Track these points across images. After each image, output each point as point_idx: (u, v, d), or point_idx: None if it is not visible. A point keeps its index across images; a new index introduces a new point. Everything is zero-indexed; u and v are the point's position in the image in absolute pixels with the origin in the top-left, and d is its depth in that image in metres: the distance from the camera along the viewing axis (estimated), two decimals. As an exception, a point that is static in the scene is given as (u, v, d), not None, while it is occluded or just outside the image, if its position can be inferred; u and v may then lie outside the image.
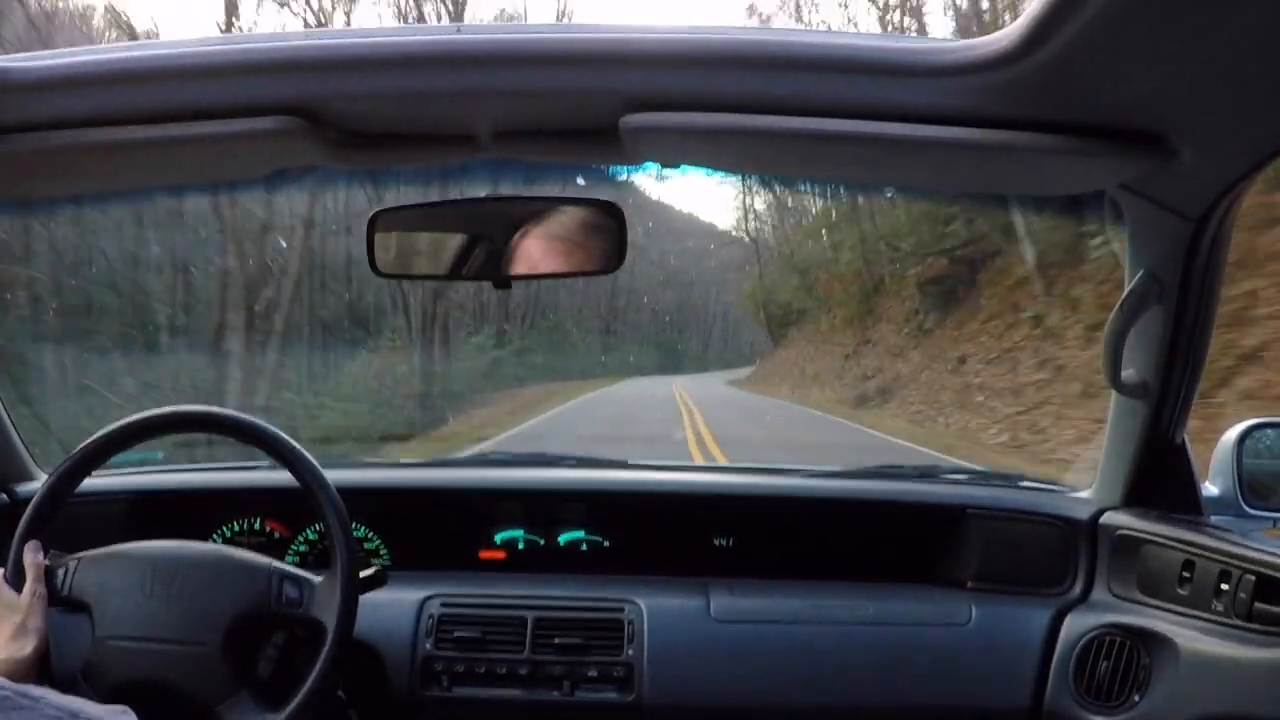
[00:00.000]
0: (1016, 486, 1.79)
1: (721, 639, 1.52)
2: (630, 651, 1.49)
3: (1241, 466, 1.47)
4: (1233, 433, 1.50)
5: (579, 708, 1.47)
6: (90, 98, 1.00)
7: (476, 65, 0.97)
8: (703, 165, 1.16)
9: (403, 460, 2.03)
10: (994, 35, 0.90)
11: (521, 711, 1.48)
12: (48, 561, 1.29)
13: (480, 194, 1.29)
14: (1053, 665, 1.46)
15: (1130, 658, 1.37)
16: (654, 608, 1.54)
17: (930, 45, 0.95)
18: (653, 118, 1.00)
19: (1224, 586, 1.22)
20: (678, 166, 1.16)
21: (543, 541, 1.77)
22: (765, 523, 1.76)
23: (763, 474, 1.92)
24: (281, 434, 1.37)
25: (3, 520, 1.53)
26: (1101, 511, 1.53)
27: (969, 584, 1.62)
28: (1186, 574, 1.29)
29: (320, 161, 1.11)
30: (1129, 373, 1.40)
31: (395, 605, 1.53)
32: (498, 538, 1.77)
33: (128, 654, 1.25)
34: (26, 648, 1.20)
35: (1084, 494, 1.63)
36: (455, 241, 1.28)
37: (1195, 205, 1.20)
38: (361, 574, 1.31)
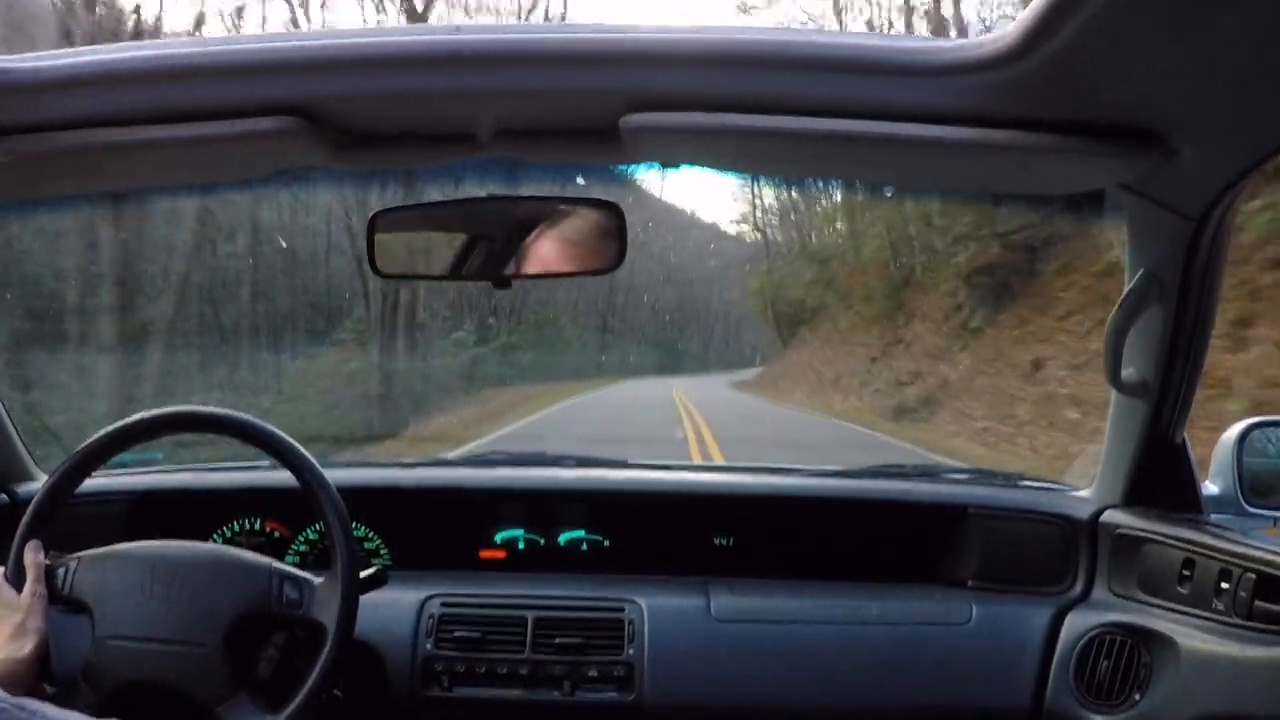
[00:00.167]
0: (1017, 485, 1.79)
1: (722, 639, 1.52)
2: (631, 651, 1.49)
3: (1241, 465, 1.47)
4: (1233, 431, 1.50)
5: (579, 708, 1.47)
6: (90, 98, 1.00)
7: (476, 65, 0.98)
8: (703, 165, 1.16)
9: (403, 460, 2.03)
10: (994, 34, 0.90)
11: (522, 711, 1.48)
12: (48, 561, 1.29)
13: (480, 194, 1.29)
14: (1053, 664, 1.46)
15: (1131, 656, 1.37)
16: (654, 607, 1.54)
17: (930, 45, 0.95)
18: (653, 117, 1.00)
19: (1224, 585, 1.22)
20: (678, 166, 1.16)
21: (543, 541, 1.77)
22: (766, 522, 1.76)
23: (763, 473, 1.92)
24: (282, 433, 1.37)
25: (3, 521, 1.53)
26: (1102, 510, 1.53)
27: (969, 583, 1.62)
28: (1187, 573, 1.29)
29: (321, 162, 1.11)
30: (1129, 372, 1.40)
31: (395, 605, 1.53)
32: (498, 537, 1.77)
33: (127, 654, 1.25)
34: (26, 647, 1.20)
35: (1084, 493, 1.63)
36: (455, 242, 1.28)
37: (1195, 204, 1.20)
38: (362, 574, 1.31)
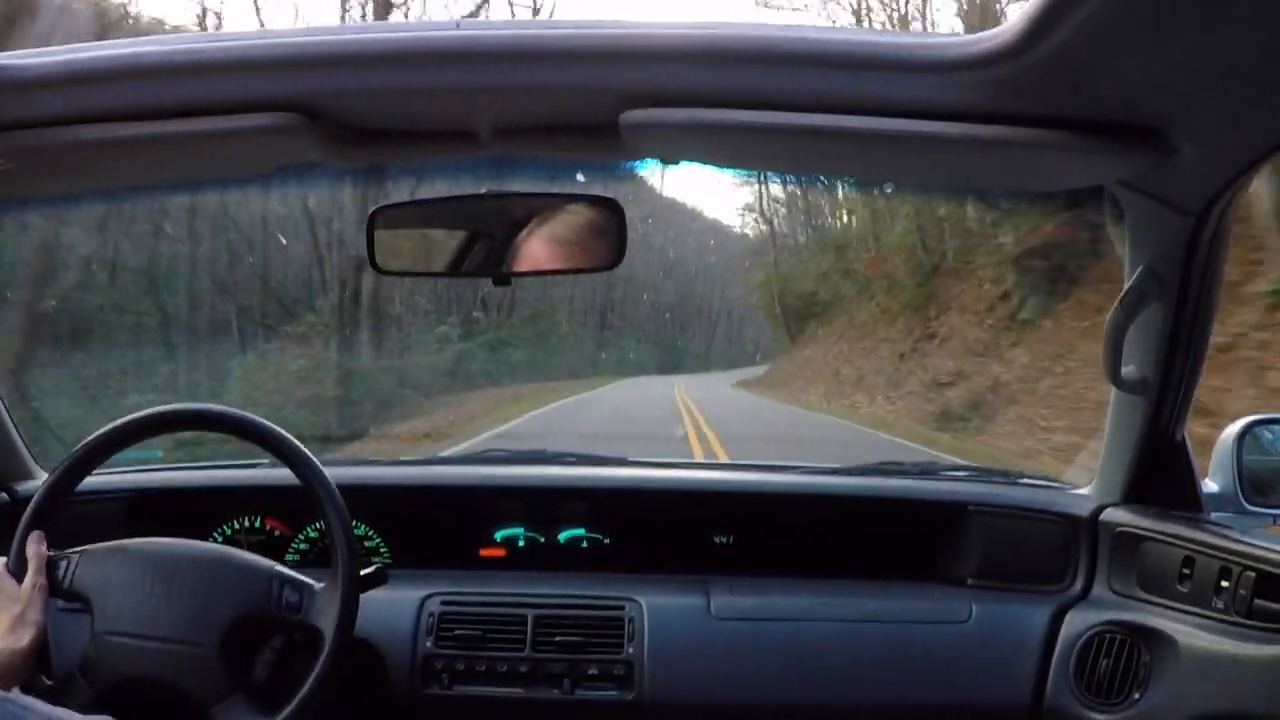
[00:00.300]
0: (1016, 483, 1.78)
1: (722, 636, 1.52)
2: (630, 649, 1.49)
3: (1241, 463, 1.47)
4: (1233, 429, 1.50)
5: (579, 706, 1.47)
6: (90, 94, 1.00)
7: (476, 61, 0.97)
8: (703, 160, 1.16)
9: (403, 458, 2.03)
10: (993, 31, 0.90)
11: (522, 709, 1.48)
12: (50, 553, 1.29)
13: (480, 191, 1.29)
14: (1053, 662, 1.46)
15: (1130, 655, 1.37)
16: (654, 605, 1.54)
17: (930, 40, 0.95)
18: (653, 113, 1.00)
19: (1224, 583, 1.22)
20: (678, 162, 1.16)
21: (543, 539, 1.77)
22: (766, 520, 1.76)
23: (763, 471, 1.92)
24: (282, 431, 1.37)
25: (3, 519, 1.53)
26: (1102, 508, 1.53)
27: (969, 581, 1.62)
28: (1186, 571, 1.29)
29: (320, 158, 1.11)
30: (1129, 369, 1.39)
31: (395, 603, 1.53)
32: (498, 535, 1.77)
33: (125, 650, 1.25)
34: (24, 639, 1.20)
35: (1084, 490, 1.63)
36: (455, 238, 1.28)
37: (1195, 200, 1.20)
38: (362, 572, 1.31)
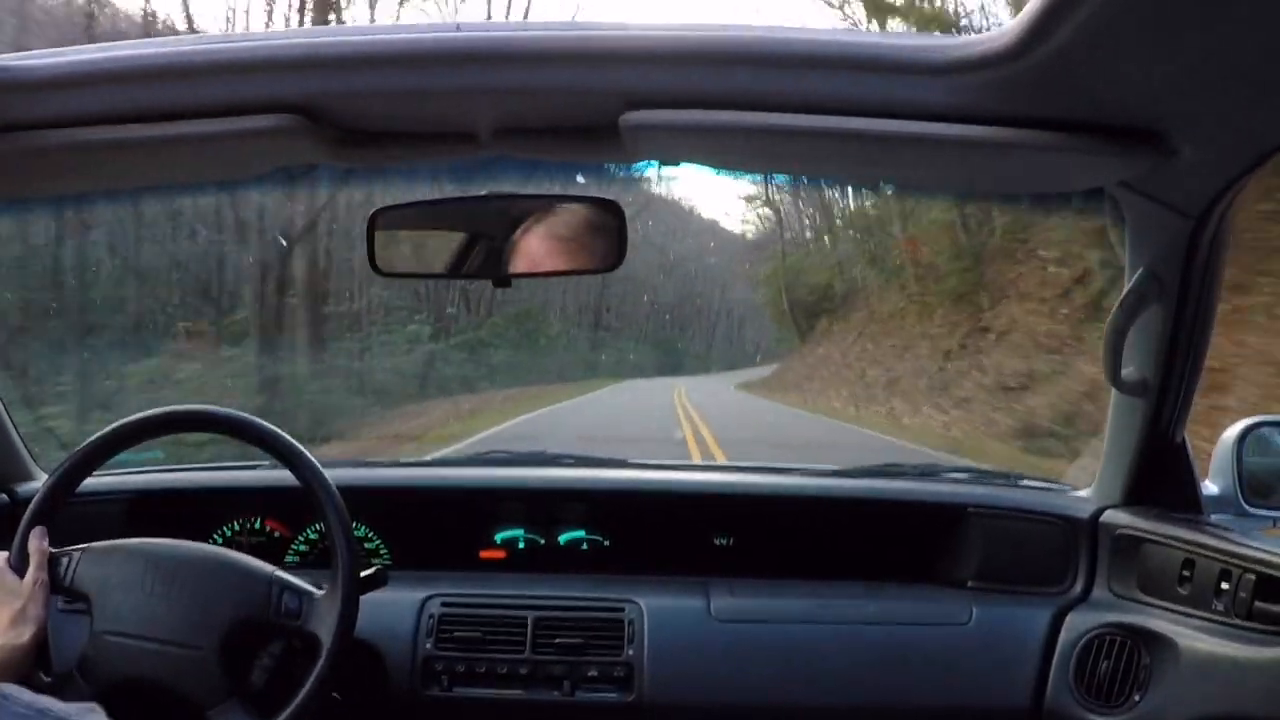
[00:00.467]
0: (1016, 485, 1.78)
1: (722, 639, 1.51)
2: (630, 651, 1.49)
3: (1242, 465, 1.47)
4: (1233, 431, 1.50)
5: (579, 708, 1.47)
6: (91, 96, 1.00)
7: (476, 63, 0.98)
8: (702, 162, 1.16)
9: (403, 460, 2.03)
10: (993, 32, 0.90)
11: (522, 711, 1.48)
12: (52, 550, 1.29)
13: (480, 192, 1.29)
14: (1053, 665, 1.46)
15: (1130, 657, 1.37)
16: (654, 607, 1.54)
17: (929, 42, 0.95)
18: (652, 115, 1.00)
19: (1224, 585, 1.22)
20: (678, 163, 1.16)
21: (543, 541, 1.77)
22: (766, 522, 1.76)
23: (763, 473, 1.92)
24: (282, 433, 1.37)
25: (3, 520, 1.53)
26: (1102, 510, 1.53)
27: (969, 583, 1.62)
28: (1187, 573, 1.29)
29: (321, 159, 1.12)
30: (1129, 371, 1.39)
31: (396, 605, 1.53)
32: (498, 537, 1.77)
33: (124, 650, 1.24)
34: (24, 635, 1.19)
35: (1084, 492, 1.63)
36: (455, 239, 1.28)
37: (1195, 203, 1.20)
38: (362, 574, 1.31)
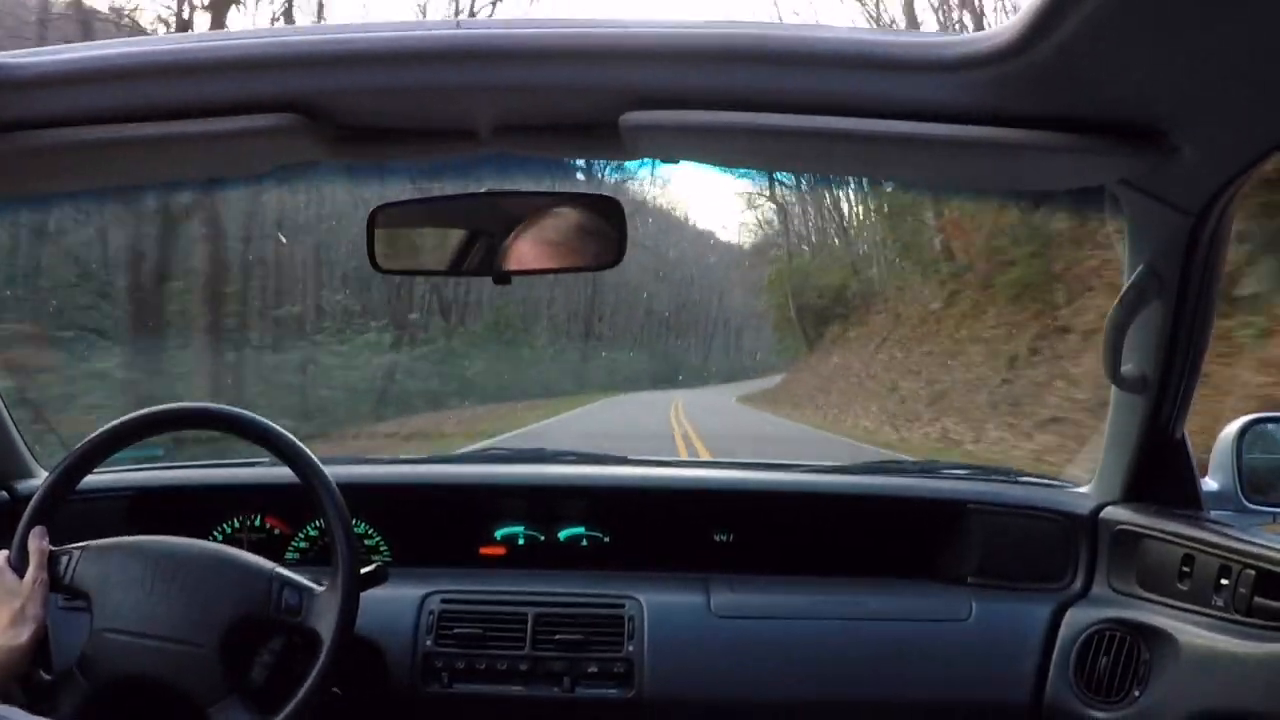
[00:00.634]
0: (1016, 481, 1.78)
1: (722, 635, 1.52)
2: (631, 647, 1.49)
3: (1241, 461, 1.47)
4: (1232, 427, 1.50)
5: (579, 704, 1.47)
6: (90, 95, 1.00)
7: (476, 60, 0.97)
8: (703, 161, 1.15)
9: (402, 456, 2.03)
10: (993, 30, 0.90)
11: (522, 708, 1.48)
12: (52, 548, 1.29)
13: (480, 189, 1.29)
14: (1053, 660, 1.46)
15: (1130, 653, 1.37)
16: (654, 603, 1.54)
17: (929, 40, 0.95)
18: (654, 115, 1.00)
19: (1224, 581, 1.22)
20: (677, 162, 1.16)
21: (543, 537, 1.77)
22: (766, 518, 1.76)
23: (763, 469, 1.92)
24: (282, 430, 1.37)
25: (3, 518, 1.53)
26: (1101, 506, 1.53)
27: (969, 579, 1.62)
28: (1186, 569, 1.30)
29: (320, 157, 1.12)
30: (1129, 367, 1.40)
31: (396, 602, 1.53)
32: (498, 534, 1.77)
33: (124, 648, 1.24)
34: (23, 635, 1.19)
35: (1084, 489, 1.63)
36: (455, 237, 1.28)
37: (1195, 200, 1.20)
38: (362, 571, 1.31)
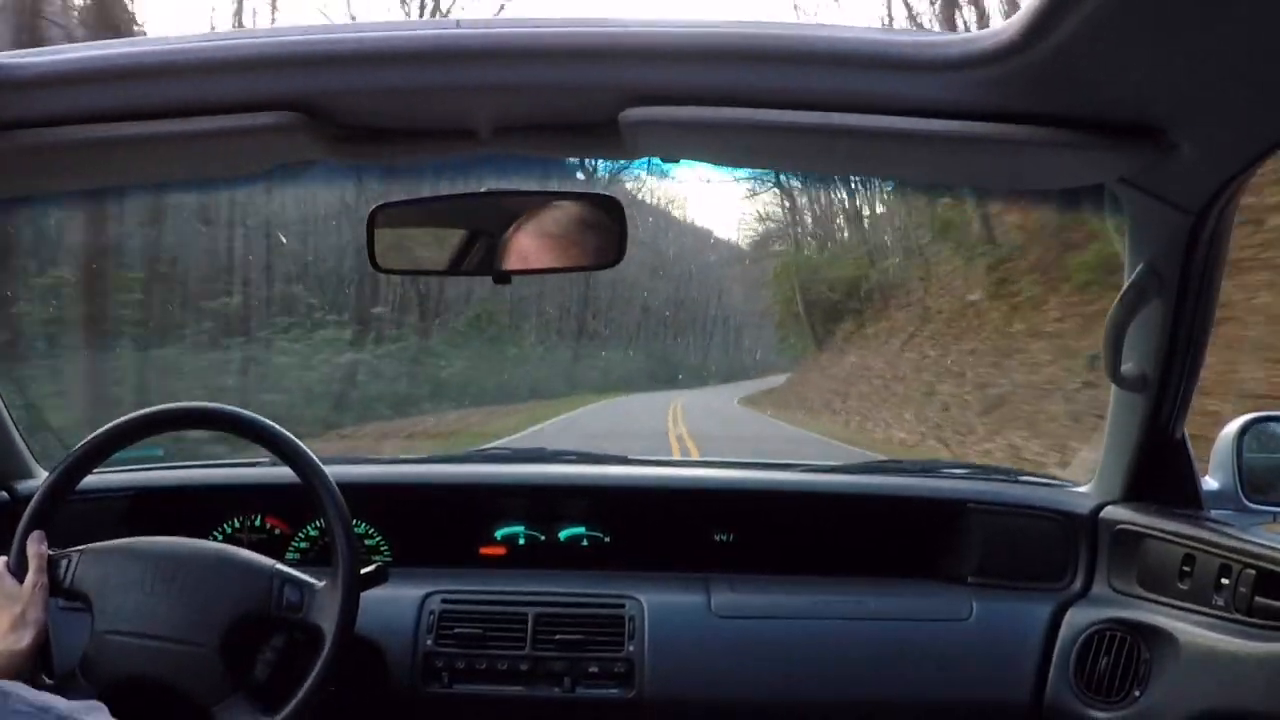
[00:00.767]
0: (1016, 481, 1.78)
1: (722, 635, 1.52)
2: (631, 647, 1.49)
3: (1241, 460, 1.47)
4: (1233, 427, 1.50)
5: (580, 704, 1.47)
6: (91, 93, 1.00)
7: (476, 60, 0.98)
8: (703, 159, 1.16)
9: (403, 456, 2.03)
10: (993, 29, 0.90)
11: (522, 708, 1.48)
12: (51, 552, 1.29)
13: (480, 189, 1.29)
14: (1053, 660, 1.46)
15: (1130, 652, 1.37)
16: (655, 604, 1.54)
17: (930, 39, 0.95)
18: (653, 112, 1.00)
19: (1224, 581, 1.22)
20: (678, 160, 1.16)
21: (543, 537, 1.77)
22: (766, 518, 1.76)
23: (764, 469, 1.92)
24: (282, 430, 1.37)
25: (3, 518, 1.53)
26: (1102, 506, 1.53)
27: (969, 579, 1.62)
28: (1187, 568, 1.29)
29: (320, 156, 1.12)
30: (1129, 366, 1.40)
31: (396, 602, 1.53)
32: (498, 534, 1.77)
33: (126, 649, 1.24)
34: (24, 639, 1.19)
35: (1084, 488, 1.63)
36: (455, 236, 1.28)
37: (1195, 199, 1.20)
38: (362, 570, 1.31)
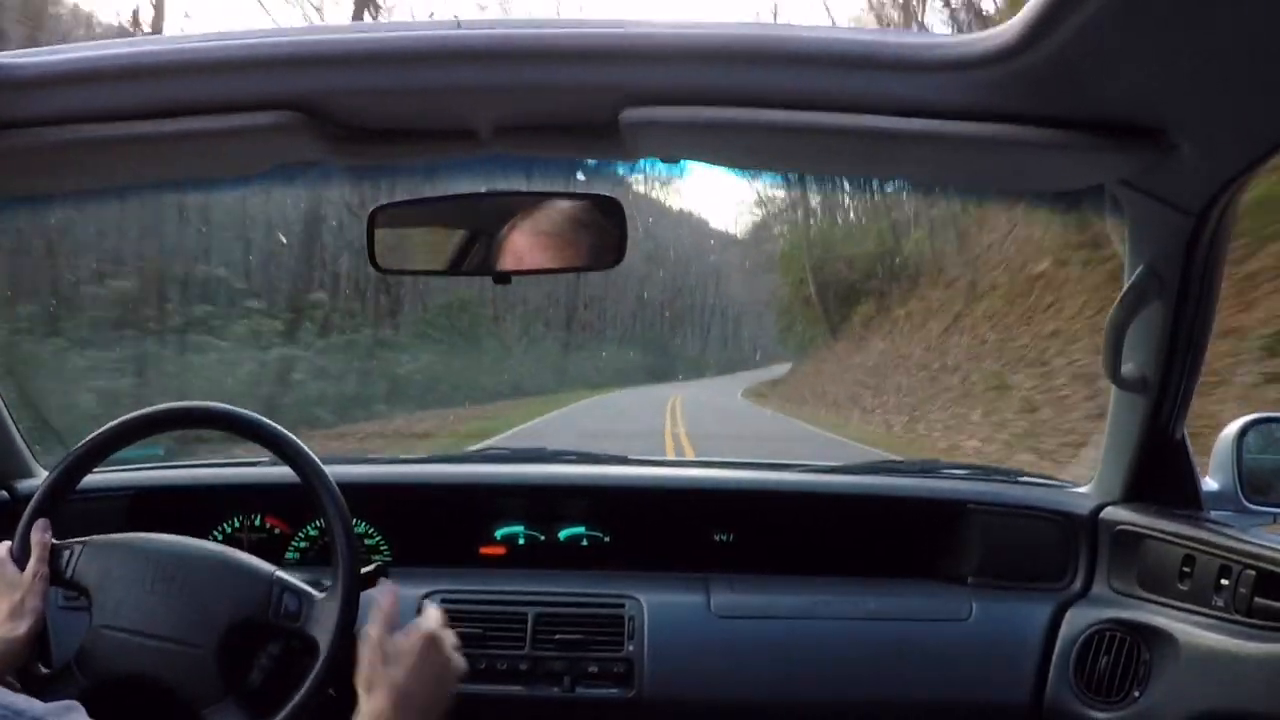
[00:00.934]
0: (1016, 481, 1.79)
1: (722, 634, 1.52)
2: (631, 647, 1.49)
3: (1241, 461, 1.47)
4: (1233, 427, 1.50)
5: (579, 704, 1.47)
6: (91, 93, 1.00)
7: (477, 60, 0.98)
8: (703, 160, 1.16)
9: (403, 456, 2.03)
10: (994, 30, 0.90)
11: (522, 707, 1.48)
12: (54, 541, 1.28)
13: (480, 189, 1.29)
14: (1053, 660, 1.46)
15: (1130, 653, 1.37)
16: (655, 603, 1.54)
17: (930, 40, 0.95)
18: (653, 112, 1.00)
19: (1224, 581, 1.22)
20: (678, 161, 1.16)
21: (543, 537, 1.77)
22: (766, 518, 1.76)
23: (764, 469, 1.92)
24: (282, 430, 1.37)
25: (3, 518, 1.53)
26: (1102, 506, 1.53)
27: (969, 579, 1.62)
28: (1187, 569, 1.30)
29: (321, 157, 1.12)
30: (1129, 367, 1.40)
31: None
32: (498, 533, 1.77)
33: (122, 646, 1.24)
34: (21, 628, 1.19)
35: (1084, 489, 1.63)
36: (455, 236, 1.28)
37: (1195, 200, 1.20)
38: (362, 570, 1.31)
